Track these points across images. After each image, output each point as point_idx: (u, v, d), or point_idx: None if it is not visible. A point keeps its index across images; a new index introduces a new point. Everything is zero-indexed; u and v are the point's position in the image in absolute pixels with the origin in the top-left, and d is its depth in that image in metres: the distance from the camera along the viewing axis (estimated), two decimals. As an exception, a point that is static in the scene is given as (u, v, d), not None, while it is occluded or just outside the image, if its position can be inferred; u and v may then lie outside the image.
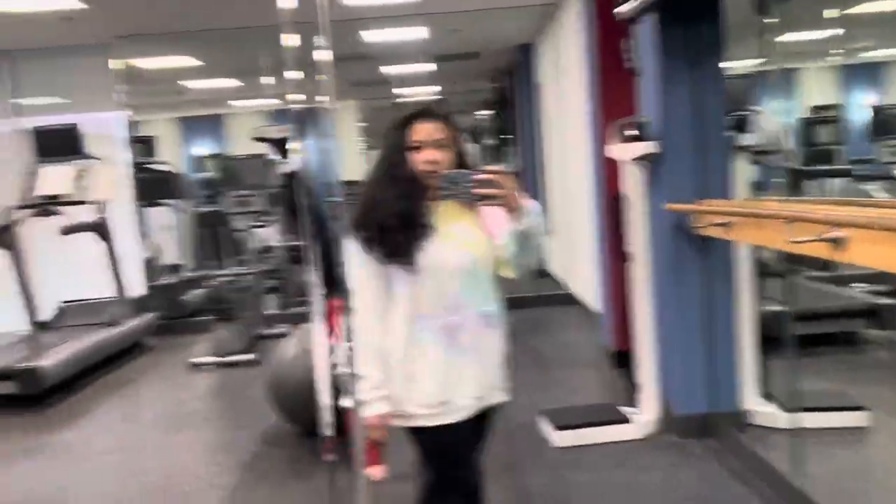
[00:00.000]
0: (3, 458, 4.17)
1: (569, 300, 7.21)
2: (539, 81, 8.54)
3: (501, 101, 10.91)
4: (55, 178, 6.53)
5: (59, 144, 6.69)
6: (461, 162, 2.04)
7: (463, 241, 2.03)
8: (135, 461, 4.08)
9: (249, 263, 7.13)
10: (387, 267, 2.01)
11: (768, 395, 3.69)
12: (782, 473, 3.01)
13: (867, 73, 7.09)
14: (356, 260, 2.05)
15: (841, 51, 6.51)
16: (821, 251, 2.31)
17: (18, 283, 6.45)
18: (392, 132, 2.05)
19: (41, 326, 6.54)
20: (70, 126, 6.73)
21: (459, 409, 2.03)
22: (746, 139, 3.51)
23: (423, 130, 2.01)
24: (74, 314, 6.88)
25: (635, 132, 3.57)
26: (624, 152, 3.65)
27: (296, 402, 3.74)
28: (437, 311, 2.01)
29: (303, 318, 7.37)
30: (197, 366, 6.05)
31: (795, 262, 3.92)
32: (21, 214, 6.36)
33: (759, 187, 4.11)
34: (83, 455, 4.19)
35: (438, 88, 11.80)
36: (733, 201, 3.46)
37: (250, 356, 6.09)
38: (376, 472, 2.21)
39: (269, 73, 9.59)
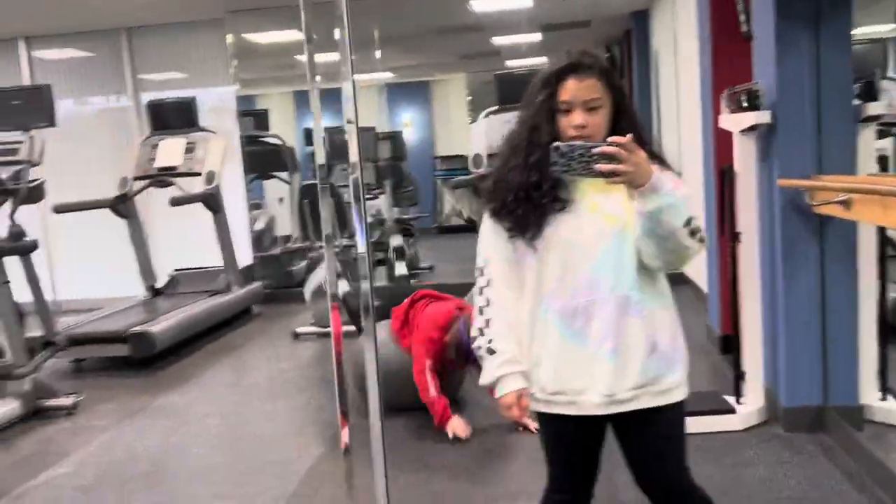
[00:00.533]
0: (112, 418, 4.39)
1: (680, 279, 6.89)
2: (654, 49, 8.15)
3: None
4: (169, 150, 6.79)
5: (174, 118, 6.94)
6: (622, 125, 1.75)
7: (607, 214, 1.78)
8: (233, 427, 4.20)
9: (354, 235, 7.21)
10: (515, 241, 1.84)
11: (891, 391, 3.36)
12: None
13: None
14: (487, 231, 1.89)
15: None
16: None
17: (134, 251, 6.80)
18: (536, 90, 1.79)
19: (155, 293, 6.86)
20: (184, 100, 6.98)
21: (578, 403, 1.81)
22: (875, 108, 3.15)
23: (572, 89, 1.74)
24: (186, 282, 7.19)
25: (746, 101, 3.28)
26: (734, 123, 3.37)
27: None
28: (563, 292, 1.79)
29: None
30: (299, 335, 6.18)
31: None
32: (138, 185, 6.66)
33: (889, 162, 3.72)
34: (185, 418, 4.35)
35: (545, 60, 11.51)
36: (856, 177, 3.13)
37: (352, 327, 6.15)
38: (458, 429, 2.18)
39: (380, 47, 9.67)
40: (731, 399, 3.59)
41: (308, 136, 7.64)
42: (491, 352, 1.84)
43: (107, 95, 8.26)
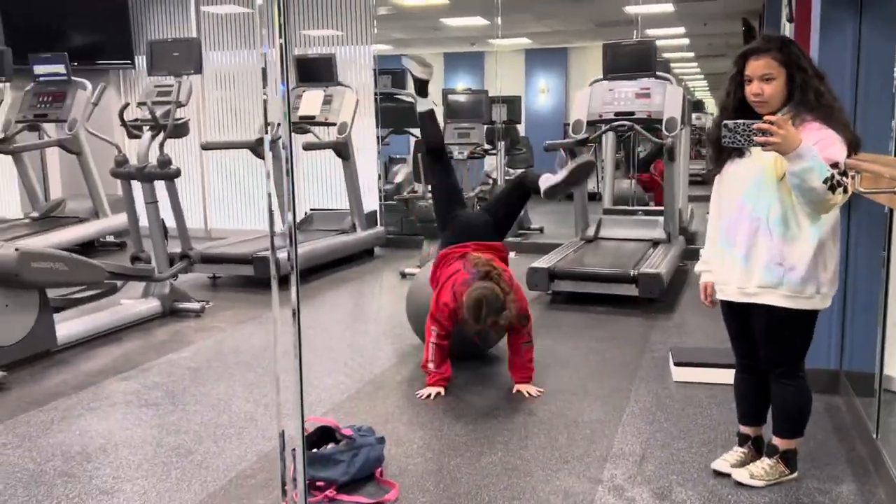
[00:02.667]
0: (230, 322, 5.24)
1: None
2: (783, 24, 7.98)
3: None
4: (310, 100, 7.57)
5: (315, 71, 7.69)
6: (795, 87, 2.47)
7: (759, 157, 2.48)
8: (328, 336, 4.91)
9: (462, 190, 7.74)
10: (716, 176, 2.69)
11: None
12: (873, 437, 2.94)
13: None
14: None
15: None
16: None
17: (274, 189, 7.68)
18: (733, 66, 2.56)
19: (290, 227, 7.73)
20: (325, 56, 7.72)
21: (727, 292, 2.67)
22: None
23: (752, 66, 2.48)
24: (318, 220, 8.01)
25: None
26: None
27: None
28: (729, 211, 2.61)
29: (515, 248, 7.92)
30: (405, 275, 6.84)
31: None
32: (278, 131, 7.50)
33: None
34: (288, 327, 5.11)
35: (683, 30, 11.37)
36: (885, 157, 3.26)
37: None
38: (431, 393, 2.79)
39: (518, 13, 10.00)
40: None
41: (444, 96, 8.19)
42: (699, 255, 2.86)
43: (260, 48, 9.21)
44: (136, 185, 5.32)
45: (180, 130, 5.19)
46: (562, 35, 12.46)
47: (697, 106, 15.86)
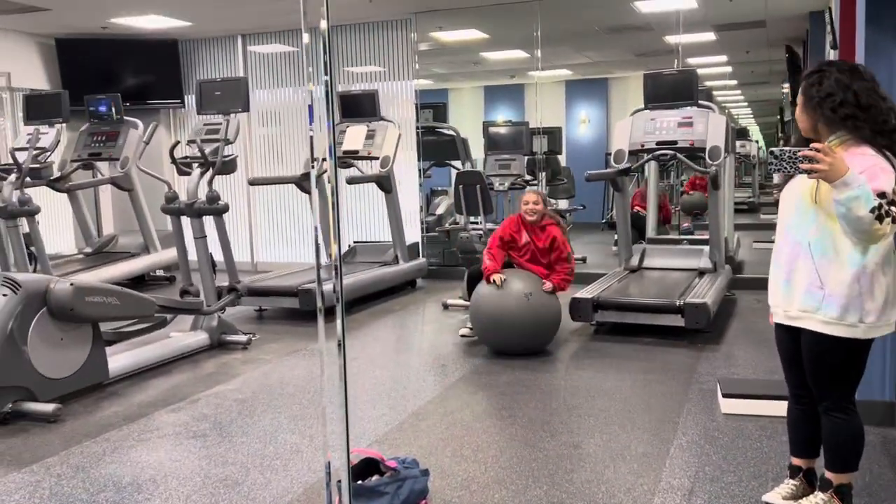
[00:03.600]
0: (276, 354, 5.32)
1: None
2: (828, 49, 7.91)
3: (794, 72, 10.18)
4: (353, 135, 7.71)
5: (359, 107, 7.83)
6: (814, 111, 2.50)
7: (802, 181, 2.50)
8: (370, 368, 4.94)
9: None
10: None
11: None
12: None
13: None
14: None
15: None
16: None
17: (320, 224, 7.81)
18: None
19: (335, 259, 7.84)
20: (368, 91, 7.87)
21: (777, 314, 2.68)
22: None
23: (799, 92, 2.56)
24: (362, 252, 8.11)
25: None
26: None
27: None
28: (778, 233, 2.65)
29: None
30: (447, 306, 6.86)
31: None
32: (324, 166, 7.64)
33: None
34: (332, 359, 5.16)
35: (725, 58, 11.32)
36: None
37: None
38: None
39: (559, 45, 10.07)
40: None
41: (484, 128, 8.28)
42: None
43: (305, 86, 9.44)
44: (186, 221, 5.47)
45: (228, 167, 5.32)
46: (602, 66, 12.50)
47: (742, 133, 15.68)
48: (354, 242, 8.45)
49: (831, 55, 4.18)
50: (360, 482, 2.89)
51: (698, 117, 6.05)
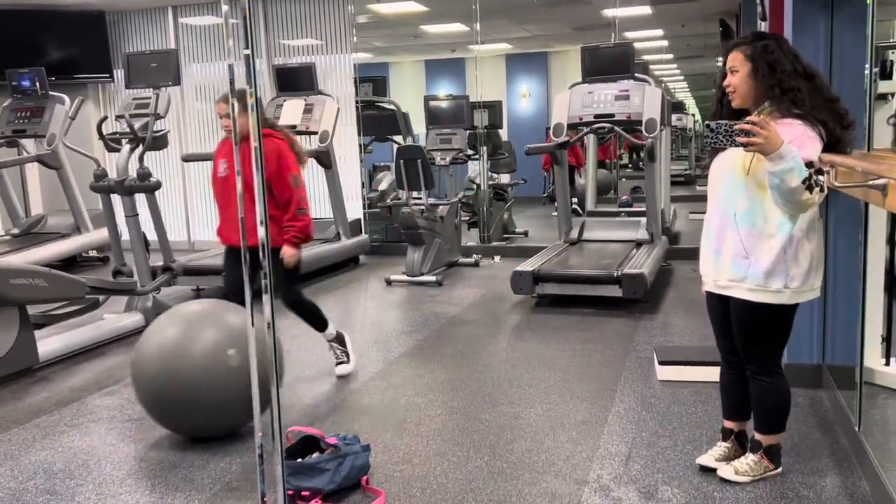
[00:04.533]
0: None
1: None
2: (759, 24, 8.06)
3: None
4: (289, 109, 7.56)
5: (297, 81, 7.68)
6: (763, 81, 2.51)
7: (732, 152, 2.53)
8: (311, 349, 4.88)
9: (446, 196, 7.75)
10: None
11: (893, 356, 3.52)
12: (855, 428, 2.96)
13: None
14: None
15: None
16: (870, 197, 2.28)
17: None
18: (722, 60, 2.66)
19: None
20: (305, 65, 7.71)
21: (707, 283, 2.75)
22: (886, 86, 3.29)
23: (728, 59, 2.58)
24: (301, 230, 7.98)
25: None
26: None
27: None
28: (708, 204, 2.69)
29: (498, 252, 7.88)
30: (391, 282, 6.82)
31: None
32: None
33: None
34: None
35: (661, 32, 11.46)
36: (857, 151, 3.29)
37: (434, 278, 6.74)
38: None
39: (498, 19, 10.03)
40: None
41: (425, 102, 8.19)
42: None
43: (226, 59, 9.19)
44: (117, 199, 5.29)
45: (159, 143, 5.16)
46: (541, 39, 12.51)
47: (678, 107, 15.95)
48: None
49: (761, 27, 4.25)
50: (299, 460, 2.86)
51: (635, 90, 6.11)
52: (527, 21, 10.58)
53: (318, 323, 4.20)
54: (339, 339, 4.28)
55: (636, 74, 6.29)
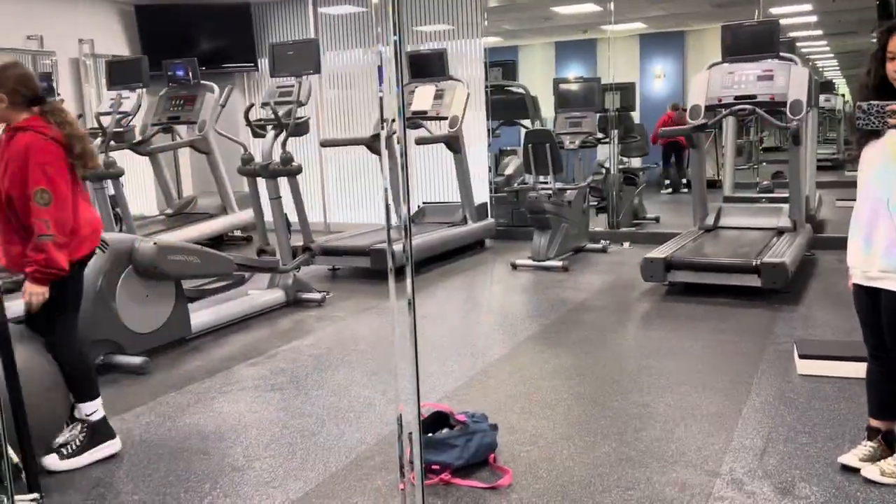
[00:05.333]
0: (349, 311, 5.45)
1: None
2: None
3: (886, 15, 9.61)
4: (421, 95, 7.71)
5: (428, 67, 7.81)
6: None
7: (889, 139, 2.42)
8: (439, 326, 5.02)
9: (574, 180, 7.68)
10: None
11: None
12: None
13: None
14: None
15: None
16: None
17: (389, 184, 7.88)
18: (876, 42, 2.48)
19: (405, 220, 7.91)
20: (436, 51, 7.83)
21: (855, 275, 2.61)
22: None
23: (892, 43, 2.39)
24: (431, 213, 8.16)
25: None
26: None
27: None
28: (859, 193, 2.55)
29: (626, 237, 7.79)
30: (516, 266, 6.86)
31: None
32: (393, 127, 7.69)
33: None
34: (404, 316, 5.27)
35: (809, 7, 10.76)
36: None
37: (560, 263, 6.72)
38: None
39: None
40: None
41: (555, 85, 8.13)
42: None
43: (374, 47, 9.44)
44: (261, 182, 5.60)
45: (301, 129, 5.42)
46: (678, 18, 12.07)
47: (826, 87, 14.98)
48: (423, 203, 8.50)
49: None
50: (430, 434, 2.97)
51: (779, 70, 5.82)
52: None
53: (82, 387, 3.02)
54: (93, 430, 3.05)
55: (781, 53, 5.98)
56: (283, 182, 5.57)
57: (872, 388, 2.75)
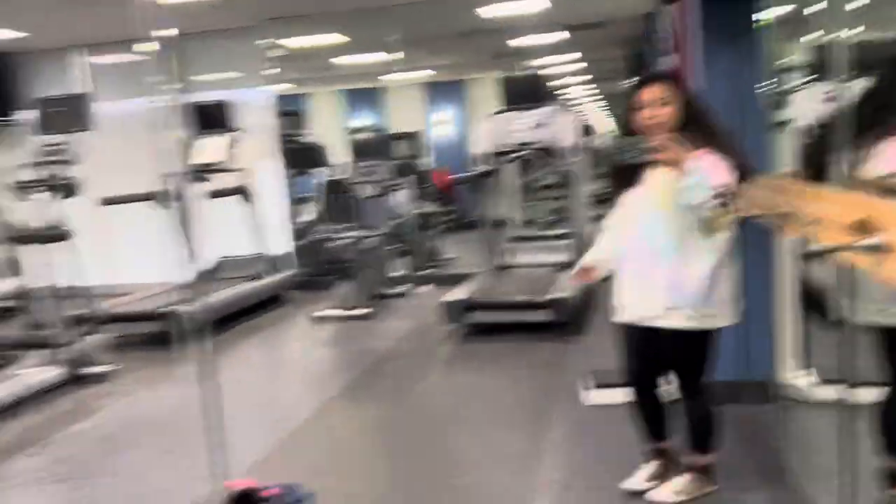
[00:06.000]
0: (141, 384, 5.06)
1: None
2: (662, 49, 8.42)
3: (637, 69, 10.79)
4: (209, 147, 7.45)
5: (212, 118, 7.58)
6: (689, 112, 2.65)
7: (653, 188, 2.65)
8: (240, 394, 4.79)
9: (373, 228, 7.76)
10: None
11: (809, 368, 3.70)
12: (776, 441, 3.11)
13: None
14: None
15: None
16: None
17: (181, 238, 7.50)
18: (629, 95, 2.74)
19: (199, 277, 7.54)
20: (220, 102, 7.62)
21: (631, 314, 2.79)
22: (781, 115, 3.51)
23: (647, 92, 2.66)
24: (229, 267, 7.83)
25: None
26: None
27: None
28: (629, 238, 2.75)
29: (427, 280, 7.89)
30: (320, 319, 6.76)
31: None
32: (178, 181, 7.34)
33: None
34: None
35: (578, 55, 11.81)
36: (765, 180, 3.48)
37: (367, 311, 6.73)
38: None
39: (414, 49, 10.13)
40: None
41: (349, 137, 8.21)
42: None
43: (154, 97, 9.00)
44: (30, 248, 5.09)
45: (70, 189, 5.01)
46: (459, 68, 12.72)
47: (588, 130, 16.45)
48: (221, 258, 8.16)
49: (668, 60, 4.44)
50: (238, 515, 2.81)
51: (553, 118, 6.29)
52: (444, 50, 10.73)
53: None
54: None
55: (553, 102, 6.48)
56: (56, 246, 5.09)
57: (644, 413, 2.98)
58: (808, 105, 3.69)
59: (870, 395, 2.64)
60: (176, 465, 3.61)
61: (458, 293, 5.84)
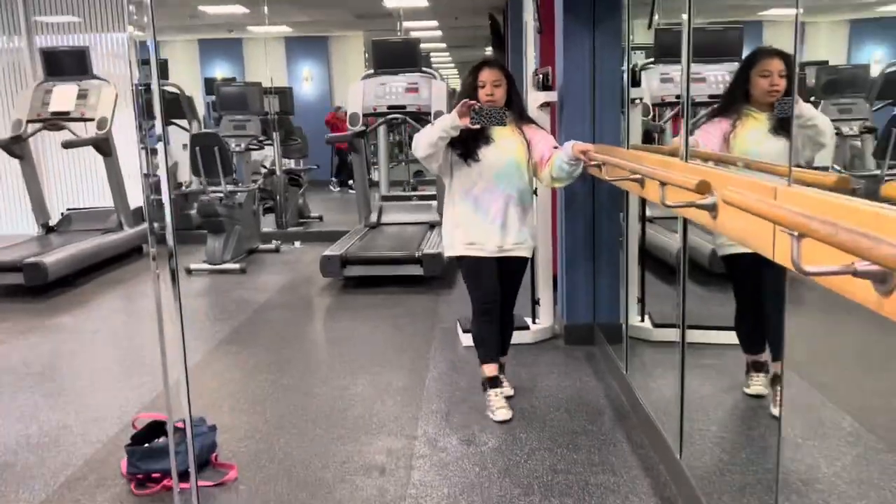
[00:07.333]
0: (6, 335, 4.96)
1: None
2: (524, 21, 8.88)
3: (497, 38, 11.25)
4: (63, 95, 7.15)
5: (68, 64, 7.24)
6: (511, 93, 3.35)
7: (506, 149, 3.32)
8: (115, 340, 4.85)
9: (243, 183, 7.79)
10: (452, 157, 3.34)
11: (648, 313, 4.31)
12: (624, 374, 3.67)
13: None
14: None
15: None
16: (631, 187, 2.90)
17: (28, 190, 7.20)
18: (468, 75, 3.35)
19: (48, 230, 7.30)
20: (78, 48, 7.31)
21: (487, 250, 3.36)
22: (635, 93, 4.03)
23: (486, 74, 3.30)
24: (79, 220, 7.60)
25: (542, 82, 4.11)
26: (532, 99, 4.20)
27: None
28: (480, 189, 3.32)
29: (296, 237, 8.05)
30: (191, 271, 6.78)
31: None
32: (32, 128, 7.03)
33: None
34: (73, 334, 4.99)
35: (436, 23, 12.15)
36: (609, 147, 3.99)
37: (237, 266, 6.82)
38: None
39: (281, 2, 10.05)
40: (528, 320, 4.50)
41: (209, 85, 8.06)
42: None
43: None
44: None
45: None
46: (322, 25, 12.69)
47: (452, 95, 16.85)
48: (67, 210, 7.89)
49: (537, 40, 4.83)
50: (147, 444, 2.99)
51: (423, 83, 6.61)
52: (310, 6, 10.71)
53: None
54: None
55: (423, 68, 6.79)
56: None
57: (492, 337, 3.50)
58: (651, 84, 4.28)
59: (696, 335, 3.24)
60: (65, 407, 3.69)
61: (336, 248, 6.10)
